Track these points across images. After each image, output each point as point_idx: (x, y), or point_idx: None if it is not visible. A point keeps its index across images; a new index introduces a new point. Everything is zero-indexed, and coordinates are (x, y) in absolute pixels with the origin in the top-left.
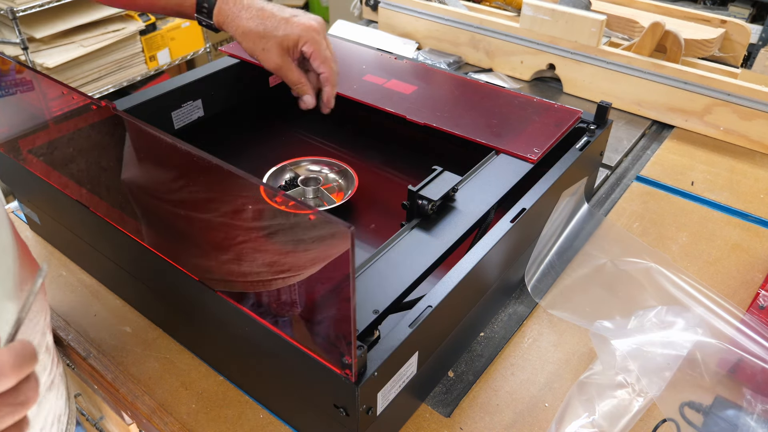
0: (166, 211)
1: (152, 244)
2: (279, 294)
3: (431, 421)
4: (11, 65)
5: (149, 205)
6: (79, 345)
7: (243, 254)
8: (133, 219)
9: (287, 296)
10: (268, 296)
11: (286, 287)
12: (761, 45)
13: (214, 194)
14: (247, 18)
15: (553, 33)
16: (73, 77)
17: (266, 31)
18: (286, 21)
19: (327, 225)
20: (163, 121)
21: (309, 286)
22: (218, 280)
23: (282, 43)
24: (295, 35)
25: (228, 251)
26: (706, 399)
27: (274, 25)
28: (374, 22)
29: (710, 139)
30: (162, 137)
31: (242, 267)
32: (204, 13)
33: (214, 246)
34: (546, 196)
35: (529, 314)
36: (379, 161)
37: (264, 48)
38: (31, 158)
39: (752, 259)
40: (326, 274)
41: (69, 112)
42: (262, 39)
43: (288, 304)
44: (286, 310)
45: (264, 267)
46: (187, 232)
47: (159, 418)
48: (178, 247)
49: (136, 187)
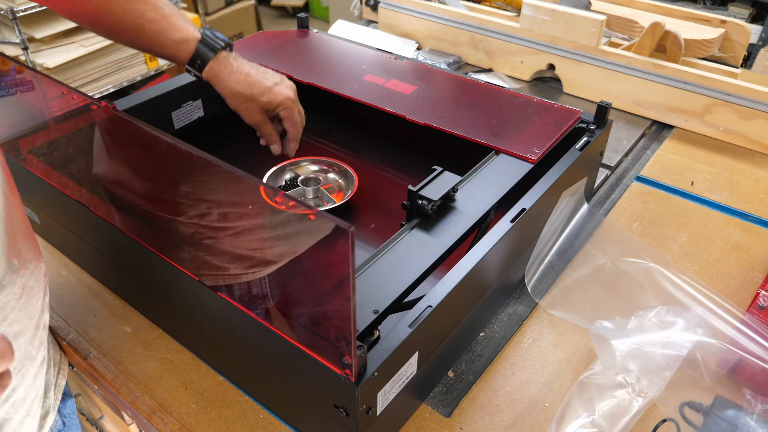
0: (166, 212)
1: (152, 244)
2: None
3: (431, 421)
4: (11, 65)
5: (149, 205)
6: (79, 345)
7: (243, 254)
8: (133, 219)
9: (287, 296)
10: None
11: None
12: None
13: (215, 194)
14: (236, 81)
15: (553, 33)
16: (73, 77)
17: (252, 95)
18: (269, 90)
19: (327, 225)
20: (163, 121)
21: (309, 286)
22: (218, 280)
23: (264, 107)
24: (276, 102)
25: (228, 251)
26: (706, 399)
27: (260, 92)
28: (374, 22)
29: (710, 139)
30: (162, 137)
31: (242, 267)
32: (196, 67)
33: (214, 246)
34: (546, 196)
35: (529, 314)
36: (379, 161)
37: (248, 107)
38: (31, 158)
39: (752, 259)
40: (326, 274)
41: (69, 112)
42: (248, 101)
43: (288, 304)
44: (286, 310)
45: (264, 267)
46: (187, 232)
47: (159, 418)
48: (178, 247)
49: (120, 184)
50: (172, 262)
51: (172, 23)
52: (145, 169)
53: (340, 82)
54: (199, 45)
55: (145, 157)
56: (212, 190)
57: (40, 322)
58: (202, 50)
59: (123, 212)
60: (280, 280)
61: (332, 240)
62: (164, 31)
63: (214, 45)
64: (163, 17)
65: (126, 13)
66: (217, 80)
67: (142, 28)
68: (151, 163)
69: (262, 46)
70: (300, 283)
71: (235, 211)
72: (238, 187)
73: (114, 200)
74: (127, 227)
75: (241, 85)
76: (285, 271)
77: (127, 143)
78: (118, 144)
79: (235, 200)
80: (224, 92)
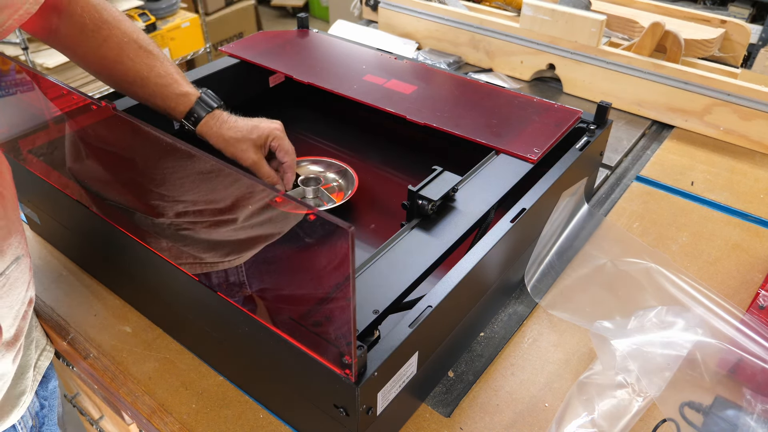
0: (166, 212)
1: (152, 244)
2: (279, 294)
3: (431, 421)
4: (11, 65)
5: (149, 206)
6: (79, 345)
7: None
8: (133, 219)
9: (287, 296)
10: (268, 296)
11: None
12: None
13: (215, 194)
14: (227, 129)
15: (553, 33)
16: (73, 77)
17: (243, 136)
18: (255, 126)
19: (327, 225)
20: (164, 121)
21: (309, 286)
22: (218, 280)
23: (256, 143)
24: (264, 134)
25: (228, 251)
26: (706, 399)
27: (249, 130)
28: (374, 22)
29: (710, 139)
30: (162, 137)
31: (242, 267)
32: (191, 120)
33: (214, 246)
34: (546, 196)
35: (529, 314)
36: (379, 161)
37: (243, 149)
38: (31, 158)
39: (752, 259)
40: (326, 274)
41: (69, 112)
42: (240, 142)
43: (288, 303)
44: (286, 310)
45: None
46: (187, 232)
47: (159, 418)
48: (178, 247)
49: (120, 184)
50: (171, 262)
51: (176, 80)
52: (145, 169)
53: (340, 82)
54: (198, 100)
55: (145, 157)
56: (212, 190)
57: (19, 312)
58: (200, 105)
59: (123, 212)
60: (281, 280)
61: (332, 240)
62: (168, 86)
63: (211, 103)
64: (168, 74)
65: (135, 65)
66: (210, 132)
67: (147, 81)
68: (151, 163)
69: (262, 46)
70: (300, 283)
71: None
72: (238, 187)
73: (114, 200)
74: (127, 227)
75: (232, 131)
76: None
77: (127, 143)
78: (118, 144)
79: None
80: (218, 142)
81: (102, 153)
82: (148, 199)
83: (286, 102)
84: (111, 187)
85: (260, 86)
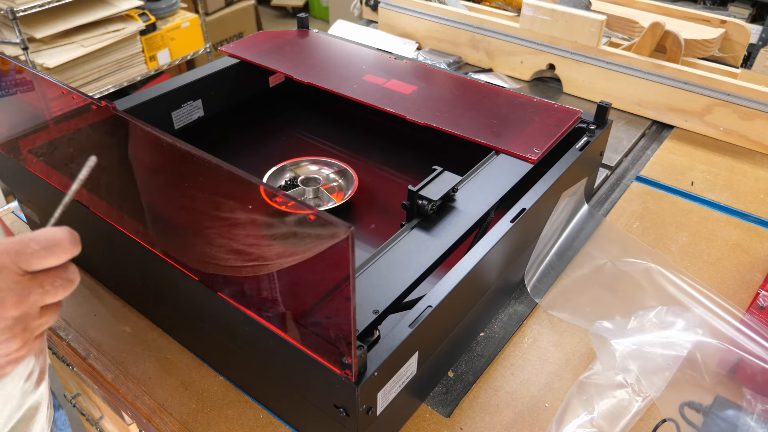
0: (165, 211)
1: (152, 244)
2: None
3: (431, 421)
4: (11, 65)
5: (149, 205)
6: (79, 345)
7: (242, 254)
8: (133, 219)
9: (287, 296)
10: (268, 296)
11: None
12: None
13: (214, 194)
14: None
15: (553, 33)
16: (73, 77)
17: None
18: None
19: (327, 225)
20: (163, 121)
21: (309, 286)
22: (218, 280)
23: None
24: None
25: (227, 251)
26: (706, 399)
27: None
28: (374, 22)
29: (710, 139)
30: (162, 137)
31: (242, 267)
32: None
33: (214, 246)
34: (546, 196)
35: (529, 314)
36: (379, 161)
37: None
38: (31, 158)
39: (752, 259)
40: (326, 274)
41: (69, 112)
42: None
43: (288, 304)
44: (286, 310)
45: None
46: (187, 232)
47: (159, 418)
48: (177, 247)
49: (119, 184)
50: (172, 262)
51: None
52: (145, 169)
53: (340, 82)
54: None
55: (145, 157)
56: (212, 190)
57: (44, 347)
58: None
59: (122, 212)
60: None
61: (332, 240)
62: None
63: None
64: None
65: None
66: None
67: None
68: (151, 163)
69: (262, 46)
70: (300, 283)
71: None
72: (238, 187)
73: (113, 200)
74: (127, 227)
75: None
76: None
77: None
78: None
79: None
80: None
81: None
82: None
83: (286, 102)
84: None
85: (260, 86)
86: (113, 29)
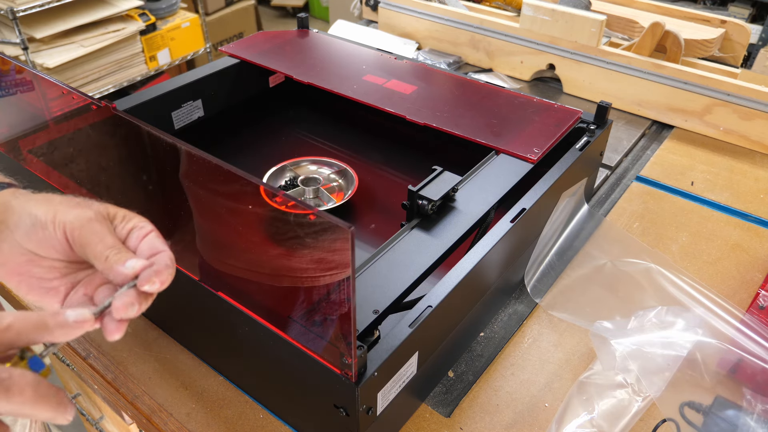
0: (164, 211)
1: None
2: (279, 294)
3: (431, 421)
4: (11, 65)
5: (148, 205)
6: (79, 345)
7: (242, 254)
8: None
9: (287, 296)
10: (268, 296)
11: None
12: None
13: (214, 194)
14: None
15: (553, 33)
16: (73, 77)
17: None
18: None
19: (327, 225)
20: (163, 121)
21: (309, 286)
22: (217, 280)
23: None
24: None
25: (227, 251)
26: (706, 399)
27: None
28: (374, 22)
29: (710, 139)
30: (162, 137)
31: (241, 266)
32: None
33: (214, 245)
34: (546, 196)
35: (529, 314)
36: (379, 161)
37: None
38: (31, 158)
39: (752, 259)
40: (326, 274)
41: (69, 112)
42: None
43: (288, 304)
44: (285, 310)
45: (264, 267)
46: (187, 231)
47: (159, 418)
48: (177, 246)
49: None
50: None
51: None
52: (144, 169)
53: (340, 82)
54: None
55: (145, 157)
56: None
57: None
58: None
59: None
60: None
61: (332, 240)
62: None
63: None
64: None
65: None
66: None
67: None
68: (151, 163)
69: (262, 46)
70: (300, 283)
71: (235, 211)
72: (238, 187)
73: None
74: None
75: None
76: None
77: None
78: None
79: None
80: None
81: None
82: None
83: (286, 102)
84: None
85: (260, 86)
86: (113, 29)
